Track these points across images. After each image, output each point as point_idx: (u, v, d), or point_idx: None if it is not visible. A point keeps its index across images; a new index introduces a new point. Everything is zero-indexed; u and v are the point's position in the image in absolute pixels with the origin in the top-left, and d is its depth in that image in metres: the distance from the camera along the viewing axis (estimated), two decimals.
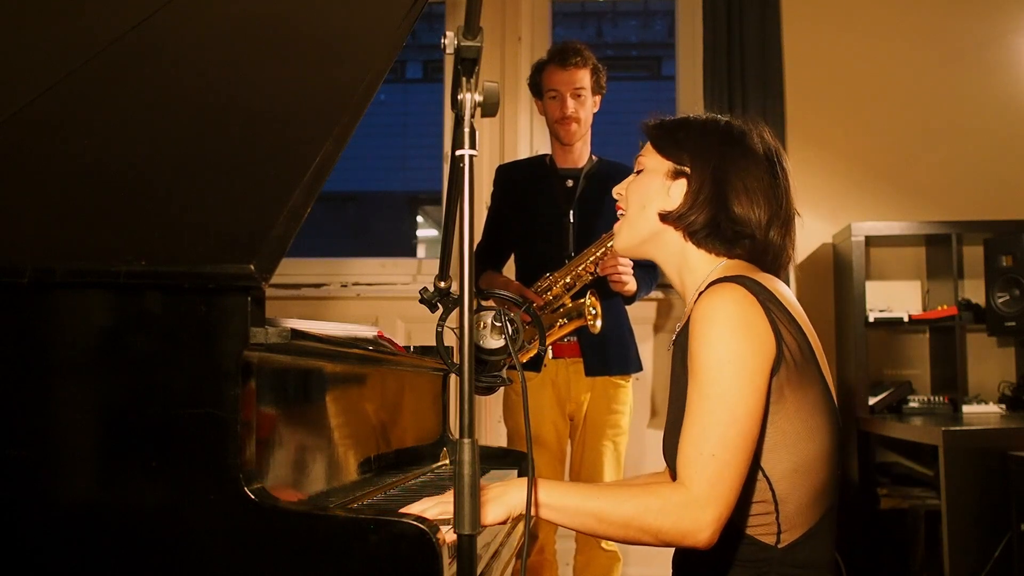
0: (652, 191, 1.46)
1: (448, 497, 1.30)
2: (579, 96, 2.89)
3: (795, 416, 1.32)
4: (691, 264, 1.45)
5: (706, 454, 1.25)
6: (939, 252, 3.72)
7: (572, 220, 2.90)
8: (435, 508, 1.27)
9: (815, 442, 1.33)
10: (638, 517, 1.26)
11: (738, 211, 1.39)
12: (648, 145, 1.50)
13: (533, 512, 1.28)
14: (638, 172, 1.50)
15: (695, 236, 1.42)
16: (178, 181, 1.30)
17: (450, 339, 1.28)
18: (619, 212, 1.53)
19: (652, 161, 1.48)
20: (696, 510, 1.24)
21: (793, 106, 3.79)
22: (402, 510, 1.26)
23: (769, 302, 1.32)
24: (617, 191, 1.54)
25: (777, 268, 1.45)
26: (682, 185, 1.43)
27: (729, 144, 1.43)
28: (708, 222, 1.40)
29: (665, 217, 1.44)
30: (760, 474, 1.32)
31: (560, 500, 1.28)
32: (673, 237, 1.45)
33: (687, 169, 1.42)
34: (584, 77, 2.88)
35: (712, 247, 1.43)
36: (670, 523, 1.25)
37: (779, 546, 1.32)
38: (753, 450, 1.28)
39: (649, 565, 3.60)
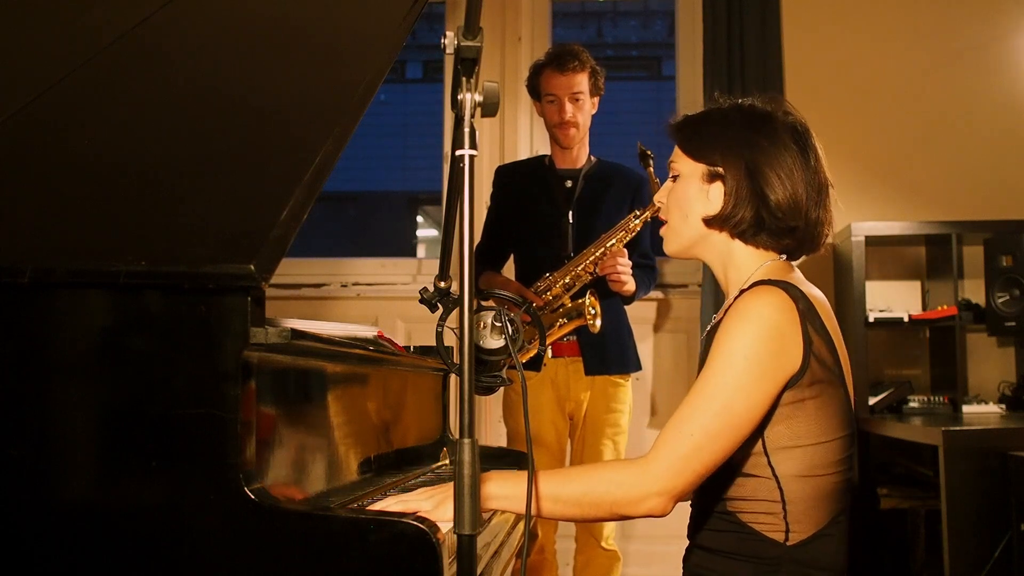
0: (691, 197, 1.45)
1: (408, 496, 1.32)
2: (577, 100, 2.89)
3: (813, 423, 1.32)
4: (737, 261, 1.45)
5: (684, 432, 1.28)
6: (939, 252, 3.71)
7: (571, 221, 2.90)
8: (397, 506, 1.29)
9: (827, 448, 1.34)
10: (592, 491, 1.29)
11: (778, 201, 1.39)
12: (677, 149, 1.49)
13: (492, 506, 1.31)
14: (674, 178, 1.49)
15: (743, 235, 1.43)
16: (178, 181, 1.30)
17: (450, 339, 1.28)
18: (661, 219, 1.53)
19: (685, 166, 1.47)
20: (649, 479, 1.27)
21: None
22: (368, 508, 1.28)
23: (808, 311, 1.33)
24: (658, 199, 1.53)
25: (818, 245, 1.45)
26: (719, 187, 1.42)
27: (755, 133, 1.42)
28: (753, 220, 1.41)
29: (710, 222, 1.44)
30: (770, 472, 1.33)
31: (514, 490, 1.30)
32: (720, 238, 1.45)
33: (720, 170, 1.42)
34: (582, 81, 2.88)
35: (760, 242, 1.43)
36: (622, 492, 1.28)
37: (788, 543, 1.32)
38: (734, 448, 1.30)
39: (649, 565, 3.60)
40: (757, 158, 1.40)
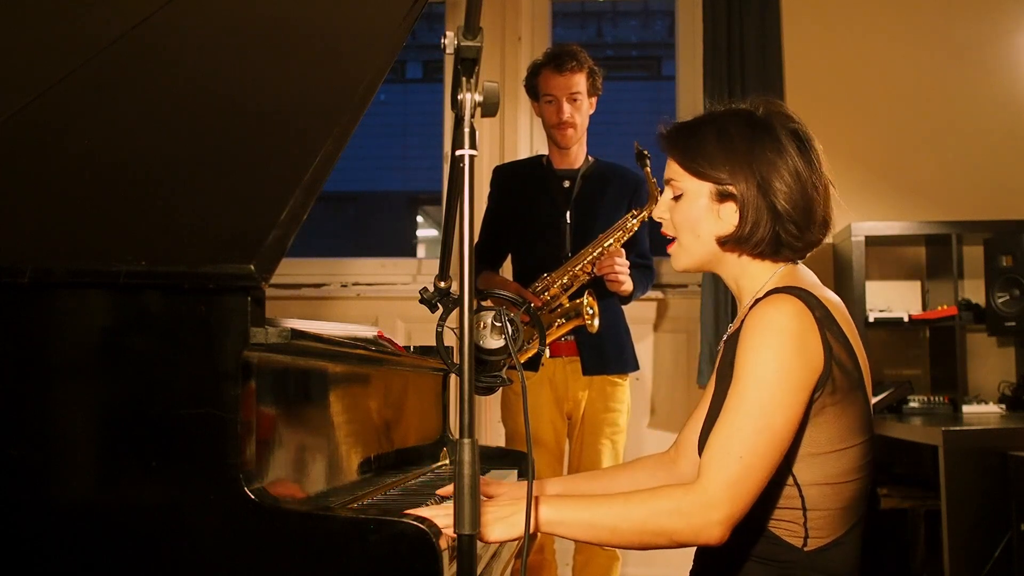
0: (702, 217, 1.40)
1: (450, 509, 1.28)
2: (575, 100, 2.89)
3: (832, 429, 1.31)
4: (751, 273, 1.42)
5: (733, 455, 1.25)
6: (939, 252, 3.71)
7: (569, 221, 2.90)
8: (443, 518, 1.21)
9: (848, 457, 1.32)
10: (650, 521, 1.25)
11: (792, 214, 1.36)
12: (676, 165, 1.43)
13: (541, 531, 1.28)
14: (677, 197, 1.43)
15: (762, 255, 1.40)
16: (178, 181, 1.30)
17: (450, 339, 1.28)
18: (667, 235, 1.48)
19: (690, 184, 1.41)
20: (709, 509, 1.24)
21: (793, 106, 3.69)
22: (409, 511, 1.25)
23: (825, 317, 1.31)
24: (659, 216, 1.48)
25: (821, 240, 1.42)
26: (732, 206, 1.38)
27: (759, 144, 1.37)
28: (771, 239, 1.37)
29: (725, 242, 1.40)
30: (791, 480, 1.32)
31: (571, 516, 1.27)
32: (734, 255, 1.42)
33: (731, 188, 1.37)
34: (580, 81, 2.88)
35: (778, 257, 1.40)
36: (684, 523, 1.24)
37: (805, 549, 1.32)
38: (779, 461, 1.28)
39: (649, 565, 3.60)
40: (766, 173, 1.35)
